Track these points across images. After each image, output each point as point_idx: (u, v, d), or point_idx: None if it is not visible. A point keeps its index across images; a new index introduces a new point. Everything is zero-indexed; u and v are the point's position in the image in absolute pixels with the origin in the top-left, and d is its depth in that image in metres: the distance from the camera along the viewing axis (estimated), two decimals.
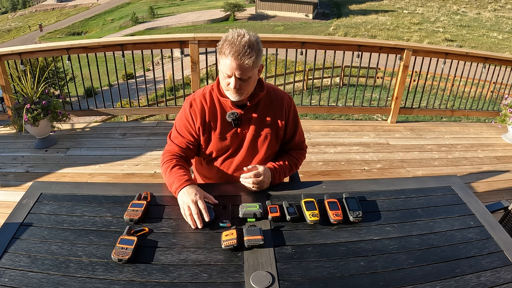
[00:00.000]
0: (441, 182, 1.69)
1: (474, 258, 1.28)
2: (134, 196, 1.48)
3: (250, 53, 1.41)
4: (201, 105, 1.60)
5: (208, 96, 1.62)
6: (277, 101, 1.66)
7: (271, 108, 1.65)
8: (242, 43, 1.40)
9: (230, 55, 1.40)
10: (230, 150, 1.66)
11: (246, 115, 1.61)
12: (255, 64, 1.45)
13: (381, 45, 3.83)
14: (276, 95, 1.67)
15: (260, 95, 1.61)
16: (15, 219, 1.37)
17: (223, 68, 1.46)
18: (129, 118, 8.08)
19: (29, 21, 54.94)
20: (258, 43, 1.45)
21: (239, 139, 1.64)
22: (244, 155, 1.66)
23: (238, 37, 1.41)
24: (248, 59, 1.41)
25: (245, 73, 1.44)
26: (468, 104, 5.05)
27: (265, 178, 1.55)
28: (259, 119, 1.63)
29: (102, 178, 3.01)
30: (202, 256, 1.24)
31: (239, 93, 1.50)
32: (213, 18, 41.58)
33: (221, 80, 1.52)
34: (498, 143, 3.88)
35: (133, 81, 13.07)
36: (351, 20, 38.98)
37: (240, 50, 1.39)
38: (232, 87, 1.47)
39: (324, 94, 10.62)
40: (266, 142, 1.65)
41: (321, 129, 3.90)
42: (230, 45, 1.41)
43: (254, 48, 1.42)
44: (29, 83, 3.25)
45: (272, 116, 1.65)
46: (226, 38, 1.44)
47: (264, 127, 1.64)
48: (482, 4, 46.56)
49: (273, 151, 1.72)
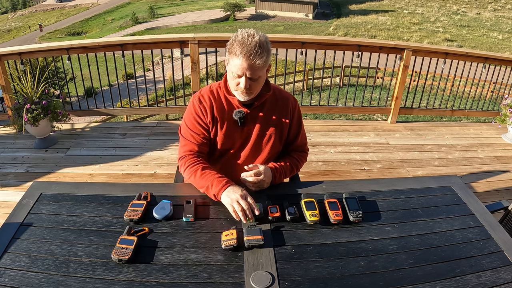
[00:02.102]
0: (441, 182, 1.69)
1: (474, 258, 1.28)
2: (134, 196, 1.48)
3: (261, 53, 1.41)
4: (210, 101, 1.61)
5: (216, 93, 1.62)
6: (282, 102, 1.67)
7: (277, 109, 1.66)
8: (253, 43, 1.40)
9: (242, 55, 1.40)
10: (234, 149, 1.66)
11: (252, 115, 1.62)
12: (265, 64, 1.46)
13: (381, 45, 3.83)
14: (281, 96, 1.68)
15: (267, 95, 1.61)
16: (15, 219, 1.37)
17: (233, 68, 1.46)
18: (129, 118, 8.08)
19: (29, 21, 54.94)
20: (267, 43, 1.46)
21: (244, 137, 1.64)
22: (248, 154, 1.66)
23: (248, 37, 1.41)
24: (260, 60, 1.42)
25: (256, 73, 1.45)
26: (468, 104, 5.05)
27: (265, 177, 1.55)
28: (265, 119, 1.64)
29: (102, 178, 3.01)
30: (202, 256, 1.24)
31: (248, 93, 1.51)
32: (213, 18, 41.57)
33: (230, 80, 1.52)
34: (498, 143, 3.88)
35: (133, 81, 13.07)
36: (351, 20, 38.97)
37: (252, 50, 1.40)
38: (242, 87, 1.47)
39: (324, 94, 10.62)
40: (270, 142, 1.66)
41: (321, 129, 3.90)
42: (241, 45, 1.41)
43: (264, 48, 1.42)
44: (29, 83, 3.25)
45: (277, 116, 1.65)
46: (236, 38, 1.43)
47: (269, 127, 1.65)
48: (482, 4, 46.56)
49: (276, 151, 1.72)
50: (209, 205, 1.48)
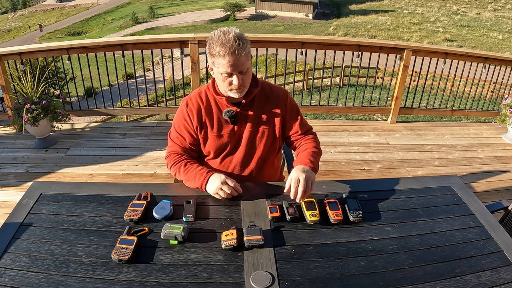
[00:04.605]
0: (441, 182, 1.69)
1: (474, 258, 1.28)
2: (134, 196, 1.48)
3: (243, 45, 1.43)
4: (197, 104, 1.62)
5: (203, 95, 1.63)
6: (272, 97, 1.67)
7: (267, 104, 1.65)
8: (232, 38, 1.42)
9: (226, 53, 1.41)
10: (228, 148, 1.66)
11: (242, 113, 1.62)
12: (249, 54, 1.48)
13: (381, 45, 3.83)
14: (271, 91, 1.68)
15: (255, 91, 1.62)
16: (15, 219, 1.37)
17: (221, 69, 1.46)
18: (129, 118, 8.08)
19: (29, 21, 54.92)
20: (242, 34, 1.48)
21: (237, 136, 1.65)
22: (243, 153, 1.67)
23: (225, 35, 1.43)
24: (243, 51, 1.44)
25: (244, 65, 1.47)
26: (468, 104, 5.05)
27: (307, 179, 1.44)
28: (256, 116, 1.64)
29: (102, 178, 3.01)
30: (202, 256, 1.24)
31: (242, 88, 1.52)
32: (213, 18, 41.55)
33: (221, 82, 1.52)
34: (498, 143, 3.88)
35: (133, 81, 13.06)
36: (351, 20, 38.96)
37: (233, 45, 1.41)
38: (236, 83, 1.48)
39: (324, 94, 10.61)
40: (263, 139, 1.66)
41: (321, 129, 3.90)
42: (221, 45, 1.42)
43: (242, 39, 1.44)
44: (29, 83, 3.25)
45: (268, 112, 1.65)
46: (213, 41, 1.45)
47: (261, 124, 1.65)
48: (482, 4, 46.55)
49: (272, 148, 1.71)
50: (209, 205, 1.49)
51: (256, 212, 1.44)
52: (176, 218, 1.40)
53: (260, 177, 1.73)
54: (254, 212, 1.44)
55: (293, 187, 1.42)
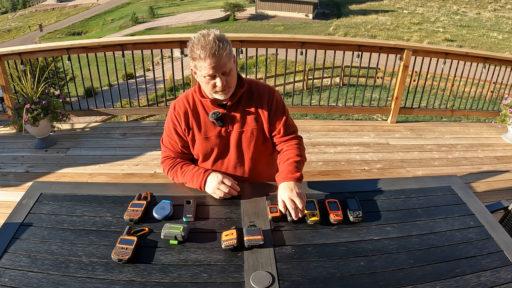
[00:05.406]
0: (441, 182, 1.69)
1: (474, 258, 1.28)
2: (134, 196, 1.48)
3: (223, 45, 1.42)
4: (184, 107, 1.62)
5: (190, 98, 1.63)
6: (258, 94, 1.65)
7: (253, 103, 1.64)
8: (212, 40, 1.41)
9: (207, 55, 1.40)
10: (217, 151, 1.65)
11: (229, 114, 1.61)
12: (230, 54, 1.47)
13: (381, 45, 3.83)
14: (257, 89, 1.66)
15: (240, 91, 1.60)
16: (15, 219, 1.37)
17: (204, 72, 1.44)
18: (129, 118, 8.08)
19: (29, 21, 54.93)
20: (223, 35, 1.47)
21: (225, 138, 1.64)
22: (234, 154, 1.66)
23: (204, 38, 1.42)
24: (224, 51, 1.42)
25: (226, 66, 1.45)
26: (468, 104, 5.05)
27: (299, 196, 1.41)
28: (243, 116, 1.63)
29: (102, 178, 3.01)
30: (202, 256, 1.24)
31: (227, 89, 1.51)
32: (213, 18, 41.56)
33: (205, 85, 1.51)
34: (498, 143, 3.88)
35: (133, 81, 13.07)
36: (351, 20, 38.96)
37: (214, 47, 1.40)
38: (220, 85, 1.46)
39: (324, 94, 10.61)
40: (253, 139, 1.64)
41: (321, 129, 3.90)
42: (201, 47, 1.40)
43: (223, 40, 1.43)
44: (29, 83, 3.25)
45: (255, 111, 1.64)
46: (193, 44, 1.43)
47: (249, 124, 1.64)
48: (482, 4, 46.55)
49: (263, 147, 1.69)
50: (209, 205, 1.49)
51: (256, 212, 1.44)
52: (176, 218, 1.40)
53: (256, 177, 1.71)
54: (254, 212, 1.44)
55: (291, 209, 1.38)
